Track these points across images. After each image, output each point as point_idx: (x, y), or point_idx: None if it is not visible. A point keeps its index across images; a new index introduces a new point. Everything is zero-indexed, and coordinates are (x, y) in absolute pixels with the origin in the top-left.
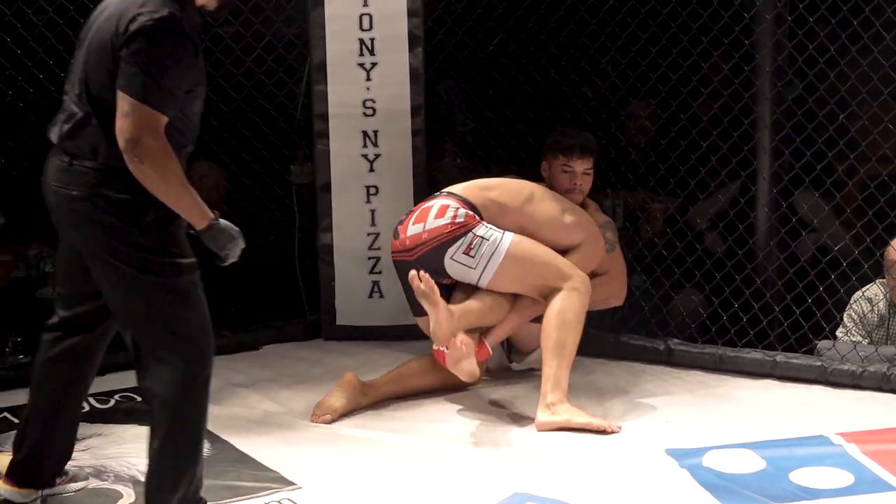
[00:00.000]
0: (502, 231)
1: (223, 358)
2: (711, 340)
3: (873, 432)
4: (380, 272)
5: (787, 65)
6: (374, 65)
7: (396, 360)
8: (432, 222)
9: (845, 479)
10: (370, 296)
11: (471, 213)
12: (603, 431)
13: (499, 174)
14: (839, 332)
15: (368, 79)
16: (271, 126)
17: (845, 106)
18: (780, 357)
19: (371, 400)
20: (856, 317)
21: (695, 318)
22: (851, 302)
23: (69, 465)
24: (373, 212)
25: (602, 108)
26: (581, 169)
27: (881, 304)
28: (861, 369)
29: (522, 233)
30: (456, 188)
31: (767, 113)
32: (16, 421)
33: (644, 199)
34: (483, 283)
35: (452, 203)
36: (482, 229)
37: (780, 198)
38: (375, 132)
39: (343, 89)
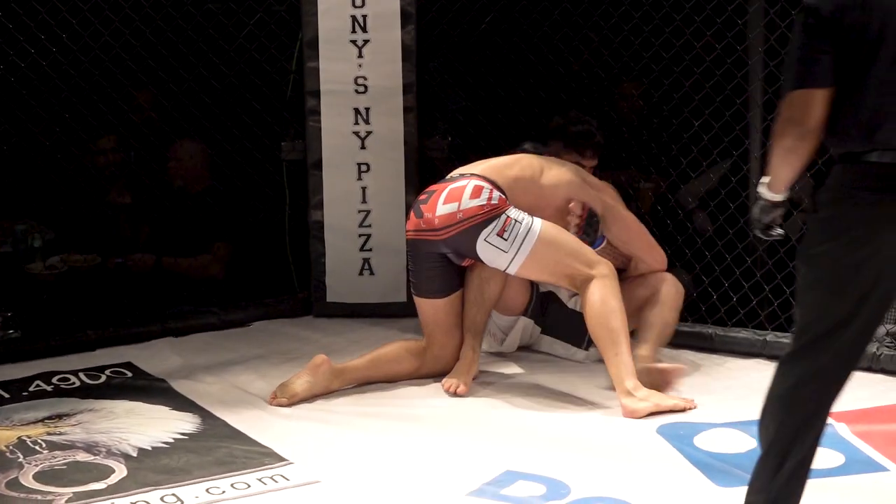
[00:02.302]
0: (531, 216)
1: (213, 335)
2: (702, 320)
3: (863, 412)
4: (370, 249)
5: (780, 44)
6: (366, 42)
7: (386, 338)
8: (467, 202)
9: (836, 459)
10: (360, 273)
11: (502, 195)
12: (684, 410)
13: (490, 151)
14: None
15: (360, 56)
16: (262, 103)
17: None
18: (771, 336)
19: (343, 384)
20: None
21: (685, 297)
22: None
23: (60, 439)
24: (364, 189)
25: (594, 86)
26: (590, 165)
27: None
28: None
29: (542, 206)
30: (476, 168)
31: (759, 92)
32: (6, 395)
33: (635, 177)
34: (513, 268)
35: (486, 185)
36: (514, 212)
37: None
38: (367, 109)
39: (335, 66)
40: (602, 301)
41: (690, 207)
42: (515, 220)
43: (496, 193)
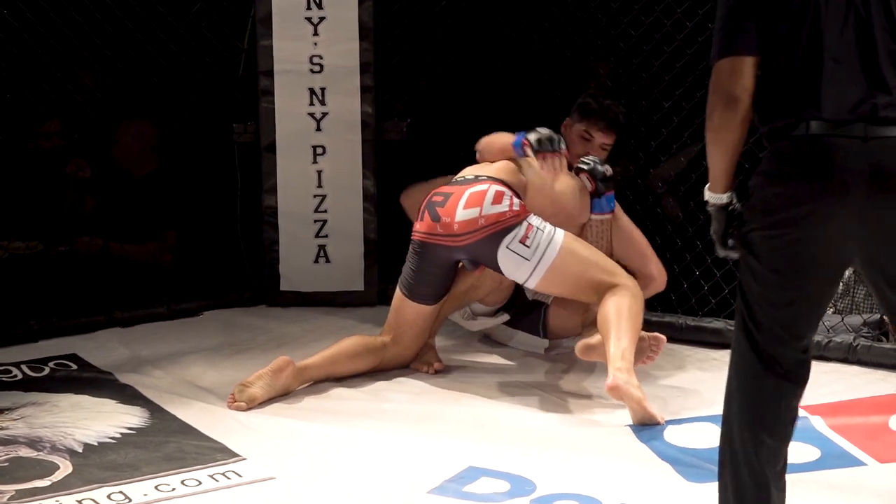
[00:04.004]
0: (552, 226)
1: (162, 325)
2: (671, 309)
3: (839, 405)
4: (326, 236)
5: None
6: (321, 19)
7: (342, 328)
8: (490, 208)
9: (811, 453)
10: (316, 261)
11: (521, 201)
12: (655, 423)
13: (449, 133)
14: None
15: (316, 33)
16: (213, 82)
17: None
18: None
19: (302, 383)
20: None
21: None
22: None
23: (1, 434)
24: (319, 173)
25: (559, 65)
26: (600, 142)
27: (846, 273)
28: (826, 340)
29: (555, 212)
30: (489, 170)
31: None
32: None
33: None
34: (534, 280)
35: (507, 190)
36: (535, 219)
37: (744, 161)
38: (323, 89)
39: (289, 44)
40: (618, 300)
41: (660, 192)
42: (538, 228)
43: (516, 200)
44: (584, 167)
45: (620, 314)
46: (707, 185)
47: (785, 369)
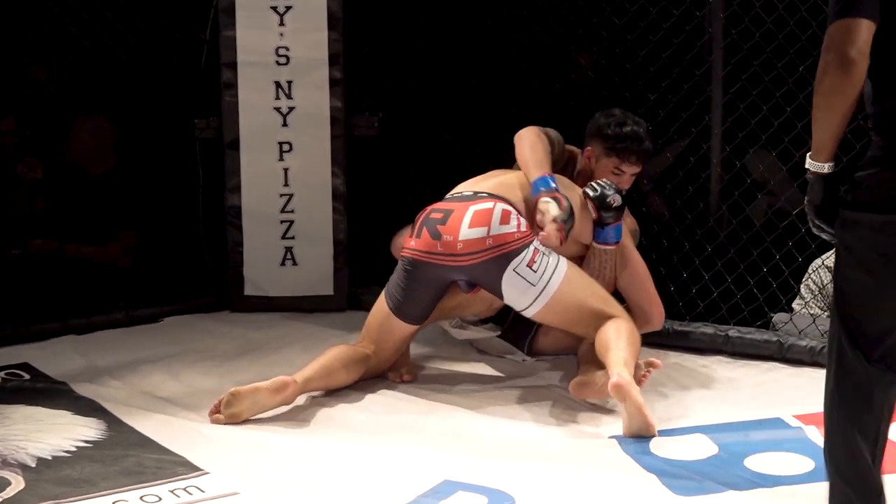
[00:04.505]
0: (555, 253)
1: (120, 332)
2: None
3: None
4: (293, 237)
5: (743, 10)
6: (288, 8)
7: (310, 334)
8: (497, 228)
9: (805, 464)
10: (282, 263)
11: (527, 221)
12: (649, 434)
13: (423, 128)
14: (796, 305)
15: (282, 23)
16: (173, 76)
17: (806, 56)
18: (733, 332)
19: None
20: (815, 287)
21: None
22: (810, 271)
23: None
24: (286, 170)
25: (539, 56)
26: (630, 173)
27: None
28: (821, 345)
29: None
30: (486, 185)
31: (720, 64)
32: None
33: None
34: (535, 308)
35: (513, 210)
36: (539, 244)
37: (734, 157)
38: (289, 83)
39: (253, 35)
40: (617, 324)
41: (645, 190)
42: (543, 253)
43: (523, 220)
44: (591, 193)
45: (620, 334)
46: (809, 153)
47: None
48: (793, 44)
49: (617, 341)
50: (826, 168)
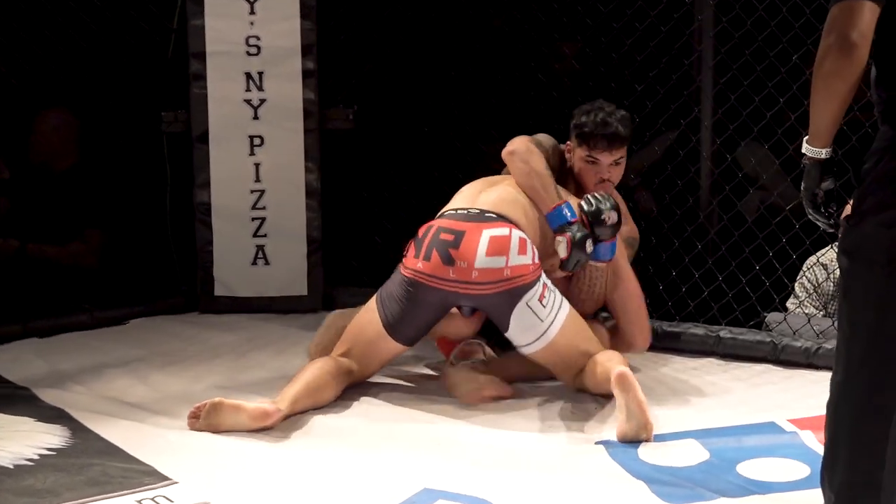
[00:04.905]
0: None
1: (85, 335)
2: None
3: None
4: (265, 235)
5: None
6: None
7: (283, 336)
8: (516, 258)
9: (800, 470)
10: (254, 263)
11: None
12: (644, 438)
13: (399, 121)
14: (790, 304)
15: (252, 11)
16: (140, 67)
17: (800, 45)
18: (725, 332)
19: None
20: (809, 286)
21: None
22: (804, 269)
23: None
24: (257, 165)
25: (521, 45)
26: (609, 161)
27: (837, 271)
28: (816, 346)
29: (549, 253)
30: (496, 207)
31: (710, 53)
32: None
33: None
34: (539, 344)
35: (528, 237)
36: (546, 278)
37: (725, 150)
38: (260, 73)
39: (223, 24)
40: (608, 355)
41: (633, 185)
42: (550, 289)
43: (535, 251)
44: (585, 208)
45: (607, 358)
46: (805, 138)
47: None
48: (786, 31)
49: (608, 362)
50: (823, 154)
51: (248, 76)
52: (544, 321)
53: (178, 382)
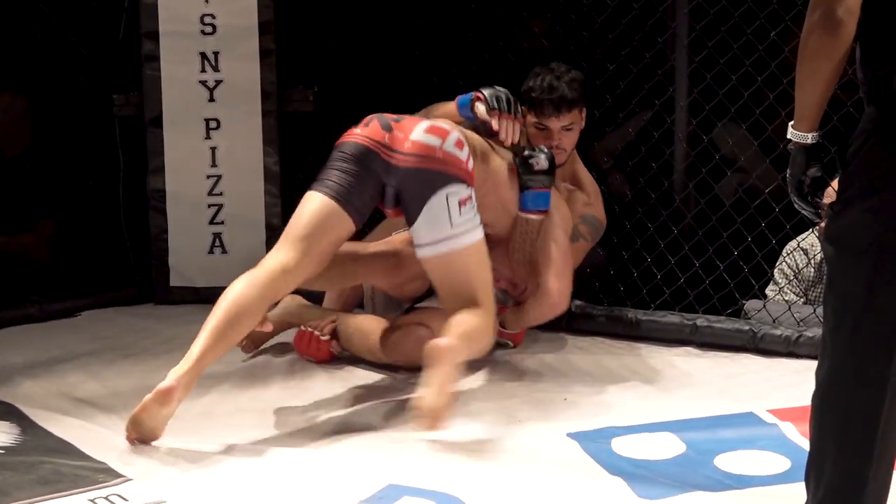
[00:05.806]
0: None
1: (34, 327)
2: (620, 302)
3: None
4: (222, 223)
5: None
6: None
7: None
8: (451, 148)
9: (780, 463)
10: (210, 251)
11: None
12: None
13: (362, 102)
14: (770, 291)
15: None
16: (90, 47)
17: (778, 21)
18: (702, 320)
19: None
20: (789, 272)
21: (599, 274)
22: (784, 254)
23: None
24: (213, 150)
25: (489, 22)
26: (558, 126)
27: (819, 257)
28: (797, 334)
29: (485, 191)
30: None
31: (685, 30)
32: None
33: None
34: (434, 249)
35: (467, 146)
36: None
37: (701, 131)
38: (216, 53)
39: (176, 2)
40: (476, 314)
41: (605, 167)
42: (473, 208)
43: (472, 159)
44: (516, 156)
45: (473, 320)
46: (791, 122)
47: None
48: (763, 7)
49: (468, 322)
50: (810, 139)
51: (204, 56)
52: (454, 227)
53: (132, 377)
